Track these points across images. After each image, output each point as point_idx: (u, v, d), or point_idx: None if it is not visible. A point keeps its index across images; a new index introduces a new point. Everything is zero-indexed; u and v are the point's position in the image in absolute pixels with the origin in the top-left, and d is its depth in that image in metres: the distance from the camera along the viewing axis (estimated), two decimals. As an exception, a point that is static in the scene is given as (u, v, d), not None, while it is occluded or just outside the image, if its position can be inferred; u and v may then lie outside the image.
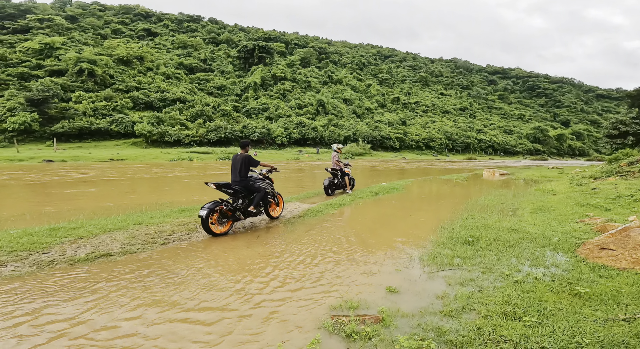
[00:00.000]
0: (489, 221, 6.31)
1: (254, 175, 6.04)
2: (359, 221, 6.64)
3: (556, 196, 9.88)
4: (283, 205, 6.77)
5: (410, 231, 5.87)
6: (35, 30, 60.65)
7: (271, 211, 6.39)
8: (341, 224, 6.28)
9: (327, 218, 6.78)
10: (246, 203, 5.70)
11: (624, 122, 32.98)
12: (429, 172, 23.46)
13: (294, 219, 6.64)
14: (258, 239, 5.21)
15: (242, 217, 5.59)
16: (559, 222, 6.36)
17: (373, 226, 6.21)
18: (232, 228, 5.70)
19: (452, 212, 7.52)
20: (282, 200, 6.71)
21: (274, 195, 6.41)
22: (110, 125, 42.10)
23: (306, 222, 6.39)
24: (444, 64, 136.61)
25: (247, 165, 5.65)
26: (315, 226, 6.10)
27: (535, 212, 7.42)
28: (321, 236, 5.34)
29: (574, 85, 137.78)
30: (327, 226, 6.10)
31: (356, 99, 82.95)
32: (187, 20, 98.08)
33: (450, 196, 10.94)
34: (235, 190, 5.53)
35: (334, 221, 6.54)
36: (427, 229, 5.98)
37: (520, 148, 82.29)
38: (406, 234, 5.62)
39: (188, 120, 49.37)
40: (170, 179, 16.08)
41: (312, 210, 7.45)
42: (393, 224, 6.40)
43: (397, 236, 5.47)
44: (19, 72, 45.89)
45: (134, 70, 57.73)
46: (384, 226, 6.18)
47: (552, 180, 16.31)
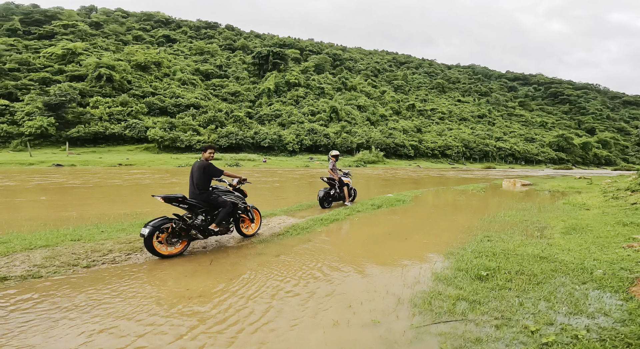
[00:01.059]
0: (509, 245, 5.05)
1: (221, 187, 5.06)
2: (346, 243, 5.50)
3: (590, 212, 8.27)
4: (260, 221, 5.78)
5: (408, 258, 4.70)
6: (59, 36, 62.96)
7: (244, 229, 5.43)
8: (323, 246, 5.16)
9: (311, 237, 5.68)
10: (208, 220, 4.72)
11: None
12: (443, 182, 21.98)
13: (271, 238, 5.57)
14: (211, 264, 4.17)
15: (201, 236, 4.60)
16: (600, 247, 5.04)
17: (362, 250, 5.07)
18: (190, 248, 4.72)
19: (464, 232, 6.27)
20: (259, 216, 5.72)
21: (247, 210, 5.43)
22: (124, 130, 42.54)
23: (283, 242, 5.32)
24: (462, 70, 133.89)
25: (207, 175, 4.65)
26: (291, 248, 5.01)
27: (568, 232, 6.05)
28: (291, 265, 4.25)
29: (600, 92, 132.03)
30: (305, 248, 5.01)
31: (370, 106, 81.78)
32: (204, 26, 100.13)
33: (464, 210, 9.63)
34: (191, 204, 4.53)
35: (317, 242, 5.43)
36: (429, 256, 4.79)
37: (543, 157, 78.70)
38: (401, 262, 4.46)
39: (201, 125, 49.48)
40: (166, 185, 15.39)
41: (297, 226, 6.36)
42: (388, 247, 5.23)
43: (389, 265, 4.31)
44: (40, 77, 47.34)
45: (151, 75, 58.75)
46: (376, 251, 5.02)
47: (582, 191, 14.68)
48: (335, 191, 9.19)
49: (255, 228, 5.62)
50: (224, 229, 4.84)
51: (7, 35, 59.08)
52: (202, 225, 4.58)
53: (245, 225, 5.44)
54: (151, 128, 42.89)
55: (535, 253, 4.63)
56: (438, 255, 4.77)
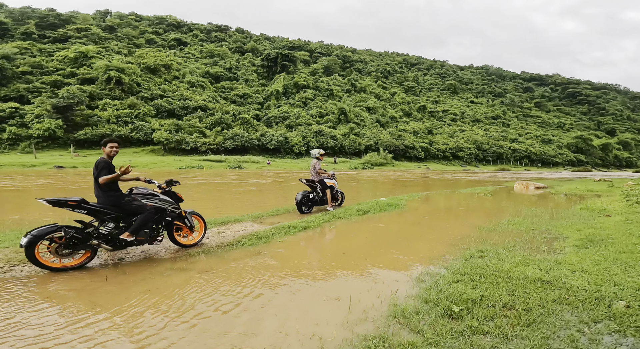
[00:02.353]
0: (504, 264, 4.05)
1: (142, 189, 4.30)
2: (300, 259, 4.56)
3: (611, 219, 7.15)
4: (205, 229, 4.98)
5: (370, 280, 3.77)
6: (73, 39, 64.20)
7: (180, 238, 4.67)
8: (270, 262, 4.27)
9: (264, 249, 4.80)
10: (123, 228, 3.97)
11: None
12: (450, 185, 20.73)
13: (214, 249, 4.73)
14: (106, 281, 3.38)
15: (108, 247, 3.84)
16: (624, 266, 4.00)
17: (316, 268, 4.16)
18: (98, 260, 4.03)
19: (455, 244, 5.25)
20: (202, 223, 4.94)
21: (184, 217, 4.64)
22: (131, 133, 42.67)
23: (225, 255, 4.46)
24: (474, 71, 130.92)
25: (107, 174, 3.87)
26: (229, 262, 4.16)
27: (584, 245, 4.96)
28: (211, 285, 3.41)
29: (619, 92, 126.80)
30: (246, 264, 4.14)
31: (380, 108, 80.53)
32: (215, 30, 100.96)
33: (463, 216, 8.55)
34: (94, 209, 3.78)
35: (267, 255, 4.55)
36: (397, 278, 3.84)
37: (560, 159, 75.60)
38: (357, 287, 3.53)
39: (207, 128, 49.33)
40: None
41: (256, 234, 5.49)
42: (351, 265, 4.30)
43: (337, 292, 3.40)
44: (52, 80, 48.12)
45: (161, 78, 59.18)
46: (332, 270, 4.10)
47: (601, 195, 13.24)
48: (317, 195, 8.26)
49: (198, 237, 4.86)
50: (146, 239, 4.09)
51: (23, 38, 60.60)
52: (111, 234, 3.84)
53: (182, 234, 4.68)
54: (157, 130, 42.89)
55: (536, 276, 3.63)
56: (409, 277, 3.81)
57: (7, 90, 43.84)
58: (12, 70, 46.43)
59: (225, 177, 21.18)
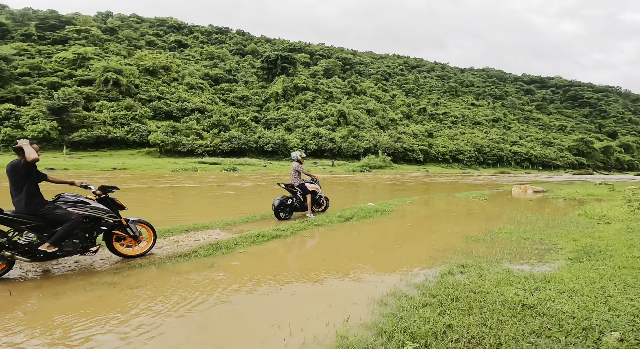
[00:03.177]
0: (485, 283, 3.50)
1: (69, 196, 3.85)
2: (257, 273, 3.97)
3: (611, 227, 6.59)
4: (154, 239, 4.52)
5: (326, 302, 3.25)
6: (72, 41, 64.16)
7: (122, 248, 4.25)
8: (219, 276, 3.74)
9: (219, 261, 4.26)
10: (45, 238, 3.53)
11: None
12: (446, 188, 20.16)
13: (163, 260, 4.20)
14: (11, 296, 2.88)
15: (25, 259, 3.43)
16: (622, 285, 3.43)
17: (270, 285, 3.63)
18: (19, 270, 3.60)
19: (436, 257, 4.64)
20: (151, 232, 4.50)
21: (125, 225, 4.23)
22: (127, 134, 42.35)
23: (170, 268, 3.93)
24: (475, 74, 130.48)
25: (18, 178, 3.41)
26: (172, 276, 3.64)
27: (578, 259, 4.38)
28: (121, 309, 2.89)
29: (621, 94, 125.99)
30: (189, 278, 3.61)
31: (380, 110, 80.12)
32: (215, 32, 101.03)
33: (452, 223, 7.97)
34: (7, 219, 3.37)
35: (220, 268, 4.03)
36: (359, 301, 3.30)
37: (562, 162, 74.89)
38: (308, 310, 2.99)
39: (205, 130, 49.00)
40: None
41: (217, 244, 4.92)
42: (311, 283, 3.77)
43: (282, 319, 2.87)
44: (50, 81, 47.94)
45: (159, 80, 58.98)
46: (288, 288, 3.58)
47: (602, 199, 12.59)
48: (297, 200, 7.79)
49: (145, 247, 4.42)
50: (75, 249, 3.69)
51: (22, 40, 60.59)
52: (30, 245, 3.47)
53: (125, 244, 4.28)
54: (153, 132, 42.56)
55: (517, 299, 3.06)
56: (372, 299, 3.30)
57: (4, 91, 43.67)
58: (10, 71, 46.29)
59: (205, 179, 20.74)
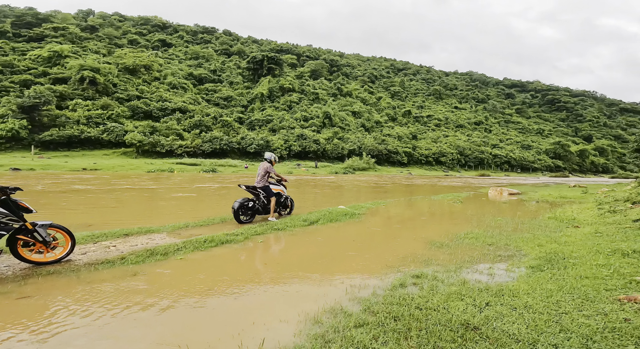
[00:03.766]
0: (434, 298, 3.00)
1: None
2: (186, 284, 3.48)
3: (579, 231, 6.26)
4: (72, 244, 4.18)
5: (249, 319, 2.69)
6: (49, 38, 61.42)
7: (30, 254, 4.01)
8: (138, 288, 3.25)
9: (148, 269, 3.82)
10: None
11: (658, 136, 28.18)
12: (424, 190, 19.70)
13: (80, 267, 3.86)
14: None
15: None
16: (580, 298, 3.00)
17: (194, 299, 3.07)
18: None
19: (393, 265, 4.29)
20: (67, 237, 4.20)
21: (32, 230, 3.95)
22: (102, 134, 40.55)
23: (83, 276, 3.56)
24: (459, 77, 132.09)
25: None
26: (73, 287, 3.25)
27: (539, 267, 4.01)
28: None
29: (596, 99, 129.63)
30: (100, 291, 3.17)
31: (365, 112, 79.84)
32: (201, 31, 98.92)
33: (420, 228, 7.35)
34: None
35: (141, 279, 3.49)
36: (289, 318, 2.68)
37: (539, 165, 76.25)
38: (223, 330, 2.52)
39: (185, 130, 47.53)
40: (57, 193, 13.26)
41: (155, 250, 4.44)
42: (241, 295, 3.13)
43: (186, 340, 2.28)
44: (22, 79, 45.58)
45: (139, 79, 57.01)
46: (213, 302, 3.01)
47: (574, 202, 12.41)
48: (260, 203, 7.39)
49: (60, 253, 4.11)
50: None
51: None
52: None
53: (35, 250, 4.03)
54: (130, 132, 40.91)
55: (463, 318, 2.60)
56: (306, 316, 2.73)
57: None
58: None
59: (172, 181, 19.71)
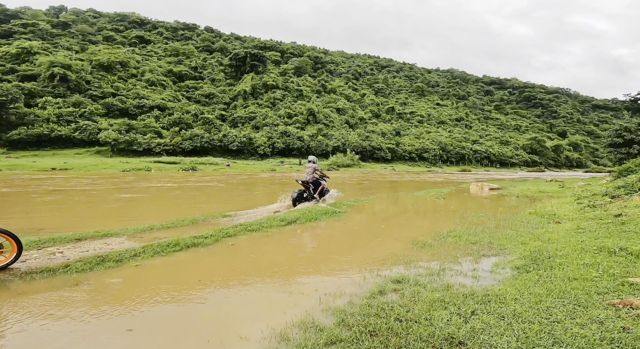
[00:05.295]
0: (416, 307, 2.56)
1: None
2: (133, 295, 3.01)
3: (561, 227, 5.78)
4: (18, 251, 3.71)
5: (204, 336, 2.29)
6: (17, 35, 57.45)
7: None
8: (76, 299, 2.90)
9: (94, 278, 3.45)
10: None
11: (629, 129, 28.18)
12: (407, 186, 18.87)
13: (17, 275, 3.44)
14: None
15: None
16: (570, 304, 2.56)
17: (133, 313, 2.67)
18: None
19: (372, 269, 3.78)
20: (13, 243, 3.72)
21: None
22: (74, 133, 37.98)
23: (13, 287, 3.13)
24: (441, 74, 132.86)
25: None
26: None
27: (525, 268, 3.59)
28: None
29: (570, 96, 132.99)
30: (23, 304, 2.75)
31: (349, 109, 78.88)
32: (182, 28, 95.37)
33: (402, 227, 6.73)
34: None
35: (82, 290, 3.13)
36: (251, 335, 2.29)
37: (517, 160, 77.34)
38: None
39: (164, 128, 45.30)
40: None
41: (107, 256, 3.97)
42: (200, 306, 2.82)
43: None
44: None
45: (115, 76, 54.05)
46: (163, 315, 2.64)
47: (552, 196, 12.08)
48: (309, 193, 9.23)
49: (5, 260, 3.70)
50: None
51: (-42, 33, 53.47)
52: None
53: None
54: (105, 130, 38.49)
55: (447, 331, 2.12)
56: (271, 332, 2.26)
57: None
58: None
59: (135, 181, 18.12)
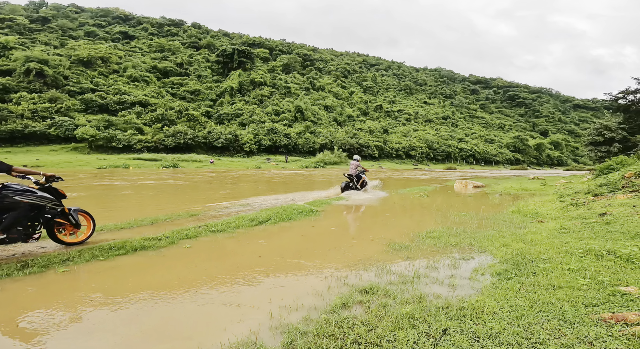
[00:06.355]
0: (381, 324, 1.93)
1: (15, 185, 3.61)
2: (32, 311, 2.50)
3: (544, 227, 5.35)
4: (93, 227, 4.27)
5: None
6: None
7: (62, 235, 3.99)
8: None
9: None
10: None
11: (609, 127, 28.19)
12: (391, 184, 18.13)
13: None
14: None
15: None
16: (555, 319, 1.95)
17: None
18: None
19: (341, 277, 3.25)
20: (90, 221, 4.24)
21: (67, 214, 3.98)
22: (49, 129, 36.04)
23: None
24: (428, 73, 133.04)
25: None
26: None
27: (507, 275, 3.11)
28: None
29: (552, 96, 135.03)
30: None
31: (337, 106, 77.98)
32: (168, 24, 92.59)
33: (381, 226, 6.24)
34: None
35: None
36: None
37: (501, 158, 77.92)
38: None
39: (146, 124, 43.56)
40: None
41: (36, 260, 3.51)
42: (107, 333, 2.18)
43: None
44: (-43, 70, 39.83)
45: (95, 71, 51.79)
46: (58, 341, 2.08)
47: (535, 194, 11.77)
48: (353, 184, 11.18)
49: (86, 234, 4.19)
50: (19, 236, 3.59)
51: None
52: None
53: (66, 231, 4.08)
54: (82, 126, 36.63)
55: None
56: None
57: None
58: None
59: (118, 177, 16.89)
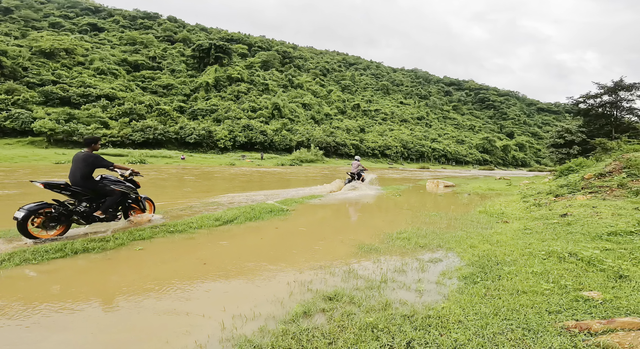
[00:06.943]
0: (343, 336, 1.86)
1: (110, 177, 4.77)
2: None
3: (509, 228, 5.52)
4: (154, 211, 5.59)
5: None
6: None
7: (134, 217, 5.14)
8: None
9: None
10: (93, 207, 4.48)
11: (570, 130, 29.66)
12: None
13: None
14: None
15: (84, 222, 4.42)
16: (520, 328, 1.93)
17: None
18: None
19: (306, 282, 3.04)
20: (152, 205, 5.55)
21: (139, 200, 5.21)
22: (5, 121, 33.27)
23: None
24: (405, 74, 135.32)
25: (91, 166, 4.38)
26: None
27: (473, 279, 3.03)
28: None
29: (519, 99, 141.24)
30: None
31: (316, 104, 77.55)
32: (142, 17, 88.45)
33: (352, 227, 6.19)
34: (75, 191, 4.35)
35: None
36: None
37: (471, 158, 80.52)
38: None
39: (112, 118, 41.25)
40: None
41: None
42: None
43: None
44: None
45: (58, 63, 48.46)
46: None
47: (501, 194, 12.25)
48: (354, 180, 12.46)
49: (149, 214, 5.39)
50: (110, 216, 4.66)
51: None
52: (86, 212, 4.41)
53: (136, 214, 5.19)
54: (40, 119, 34.09)
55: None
56: None
57: None
58: None
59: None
